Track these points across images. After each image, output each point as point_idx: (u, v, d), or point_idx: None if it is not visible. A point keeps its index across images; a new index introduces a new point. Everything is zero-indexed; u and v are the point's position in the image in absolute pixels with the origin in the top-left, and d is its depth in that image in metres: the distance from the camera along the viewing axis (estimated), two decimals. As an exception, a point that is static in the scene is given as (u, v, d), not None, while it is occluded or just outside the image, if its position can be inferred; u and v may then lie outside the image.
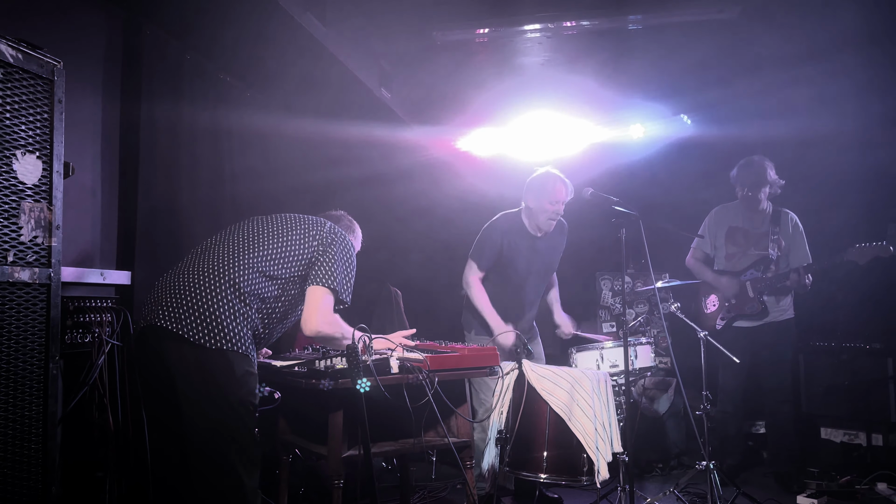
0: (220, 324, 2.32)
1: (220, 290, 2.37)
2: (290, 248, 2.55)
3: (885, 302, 4.87)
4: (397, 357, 2.63)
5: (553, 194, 3.89)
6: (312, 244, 2.58)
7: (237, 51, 3.83)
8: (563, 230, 4.15)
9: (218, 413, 2.31)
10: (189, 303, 2.34)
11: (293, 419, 3.12)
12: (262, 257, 2.49)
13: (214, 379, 2.31)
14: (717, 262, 4.61)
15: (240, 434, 2.33)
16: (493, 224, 4.05)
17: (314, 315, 2.50)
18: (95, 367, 2.69)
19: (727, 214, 4.60)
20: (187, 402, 2.33)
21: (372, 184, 5.64)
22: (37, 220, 2.18)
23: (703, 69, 4.87)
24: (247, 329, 2.39)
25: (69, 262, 2.90)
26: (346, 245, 2.66)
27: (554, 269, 4.21)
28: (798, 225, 4.46)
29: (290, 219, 2.67)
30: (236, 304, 2.38)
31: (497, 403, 3.32)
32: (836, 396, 4.81)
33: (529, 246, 4.01)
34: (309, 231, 2.62)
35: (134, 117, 3.28)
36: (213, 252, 2.51)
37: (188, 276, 2.43)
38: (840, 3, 3.92)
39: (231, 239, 2.57)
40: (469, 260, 4.02)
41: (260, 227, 2.62)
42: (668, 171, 5.68)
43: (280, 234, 2.59)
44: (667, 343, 5.06)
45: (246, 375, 2.36)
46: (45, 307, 2.21)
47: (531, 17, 4.25)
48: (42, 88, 2.22)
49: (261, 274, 2.46)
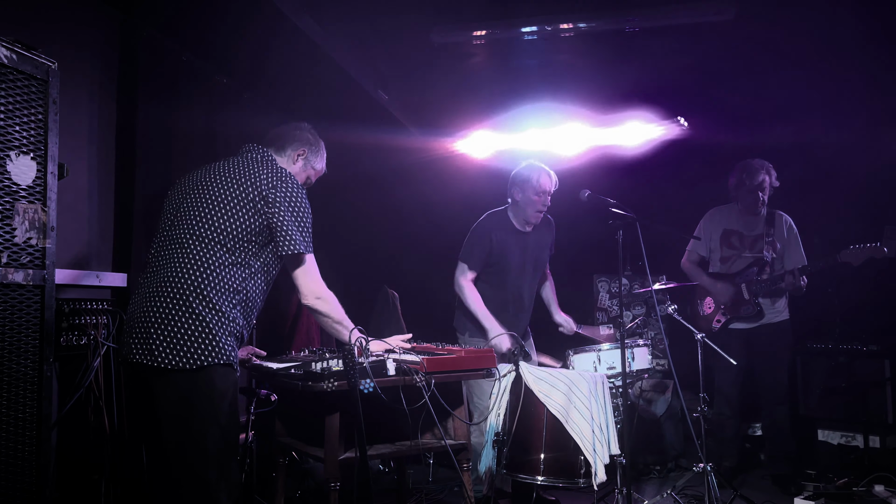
0: (192, 340, 2.22)
1: (183, 302, 2.26)
2: (231, 223, 2.35)
3: (882, 304, 4.87)
4: (394, 359, 2.62)
5: (538, 185, 3.87)
6: (249, 206, 2.36)
7: (233, 52, 3.82)
8: (549, 225, 4.13)
9: (202, 438, 2.25)
10: (155, 327, 2.24)
11: (289, 422, 3.11)
12: (214, 244, 2.33)
13: (195, 403, 2.25)
14: (713, 265, 4.61)
15: (223, 455, 2.29)
16: (480, 223, 4.03)
17: (307, 287, 2.47)
18: (91, 369, 2.68)
19: (722, 216, 4.60)
20: (170, 426, 2.30)
21: (369, 186, 5.64)
22: (31, 221, 2.17)
23: (699, 71, 4.87)
24: (222, 332, 2.28)
25: (65, 264, 2.89)
26: (294, 194, 2.42)
27: (545, 265, 4.18)
28: (793, 227, 4.47)
29: (220, 184, 2.43)
30: (203, 311, 2.25)
31: (494, 405, 3.31)
32: (834, 398, 4.81)
33: (519, 242, 3.98)
34: (242, 193, 2.38)
35: (130, 119, 3.28)
36: (166, 258, 2.36)
37: (147, 298, 2.32)
38: (836, 5, 3.93)
39: (177, 232, 2.39)
40: (459, 262, 4.00)
41: (197, 205, 2.40)
42: (665, 173, 5.69)
43: (216, 207, 2.37)
44: (664, 345, 5.06)
45: (227, 387, 2.30)
46: (40, 309, 2.19)
47: (528, 19, 4.25)
48: (36, 89, 2.21)
49: (220, 266, 2.31)
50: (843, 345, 4.87)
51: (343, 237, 5.37)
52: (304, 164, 2.70)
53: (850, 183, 5.11)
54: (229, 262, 2.33)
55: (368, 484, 2.44)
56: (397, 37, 4.47)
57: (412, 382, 2.60)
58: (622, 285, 3.87)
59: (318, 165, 2.77)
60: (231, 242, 2.34)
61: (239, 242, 2.35)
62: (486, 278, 3.99)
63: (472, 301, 3.89)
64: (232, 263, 2.34)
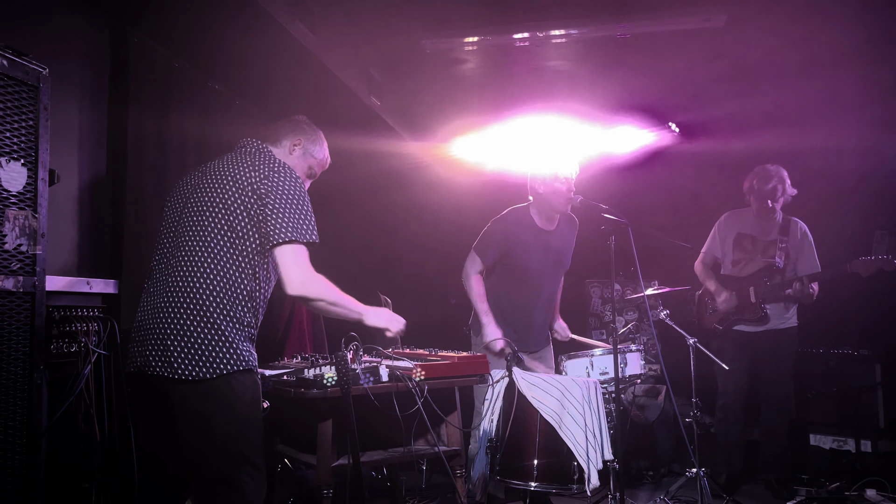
0: (211, 350, 2.20)
1: (199, 312, 2.23)
2: (233, 226, 2.30)
3: (872, 308, 4.90)
4: (387, 365, 2.62)
5: (561, 173, 3.74)
6: (245, 206, 2.30)
7: (226, 59, 3.81)
8: (573, 223, 4.01)
9: (226, 443, 2.25)
10: (172, 338, 2.22)
11: (282, 428, 3.10)
12: (221, 248, 2.28)
13: (217, 409, 2.23)
14: (724, 268, 4.61)
15: (249, 457, 2.28)
16: (501, 217, 3.90)
17: (291, 275, 2.27)
18: (81, 376, 2.66)
19: (737, 220, 4.59)
20: (193, 434, 2.30)
21: (361, 192, 5.63)
22: (21, 227, 2.16)
23: (691, 77, 4.90)
24: (239, 338, 2.26)
25: (55, 271, 2.87)
26: (286, 182, 2.33)
27: (567, 266, 4.03)
28: (807, 234, 4.46)
29: (216, 186, 2.36)
30: (219, 319, 2.23)
31: (487, 411, 3.31)
32: (825, 403, 4.83)
33: (541, 242, 3.85)
34: (237, 193, 2.32)
35: (121, 125, 3.26)
36: (174, 266, 2.33)
37: (160, 309, 2.29)
38: (826, 12, 3.96)
39: (182, 240, 2.35)
40: (472, 252, 3.87)
41: (199, 210, 2.35)
42: (657, 178, 5.71)
43: (217, 211, 2.32)
44: (656, 350, 5.07)
45: (249, 391, 2.29)
46: (30, 316, 2.18)
47: (519, 25, 4.26)
48: (27, 95, 2.20)
49: (230, 272, 2.27)
50: (834, 349, 4.90)
51: (335, 243, 5.36)
52: (303, 154, 2.64)
53: (840, 188, 5.16)
54: (237, 267, 2.29)
55: (361, 491, 2.43)
56: (389, 44, 4.48)
57: (405, 388, 2.59)
58: (614, 290, 3.87)
59: (318, 155, 2.69)
60: (236, 246, 2.29)
61: (244, 244, 2.30)
62: (503, 276, 3.87)
63: (475, 295, 3.80)
64: (240, 267, 2.29)
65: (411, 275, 6.10)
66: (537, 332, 3.94)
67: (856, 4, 3.87)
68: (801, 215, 4.52)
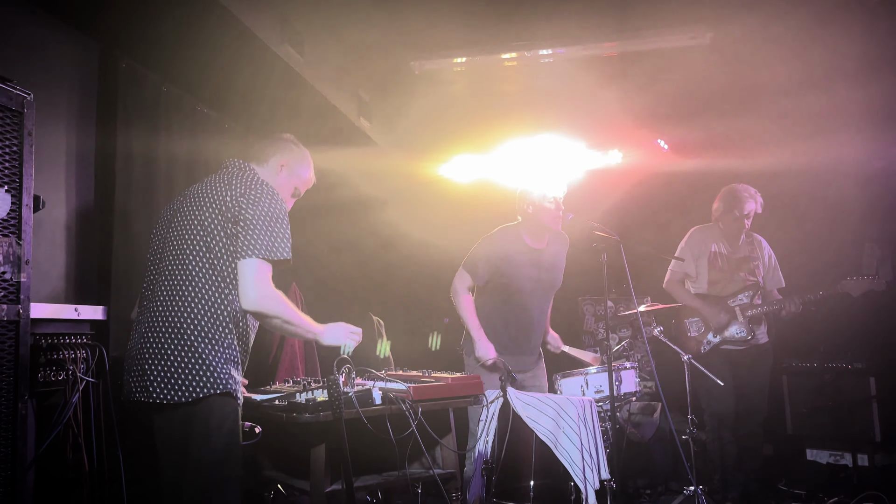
0: (187, 373, 2.21)
1: (176, 336, 2.25)
2: (213, 250, 2.30)
3: (865, 321, 4.90)
4: (380, 388, 2.59)
5: (549, 192, 3.75)
6: (224, 230, 2.30)
7: (214, 82, 3.81)
8: (564, 241, 3.99)
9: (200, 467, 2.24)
10: (150, 363, 2.25)
11: (274, 454, 3.05)
12: (202, 272, 2.29)
13: (192, 433, 2.23)
14: (699, 286, 4.52)
15: (224, 484, 2.26)
16: (491, 236, 3.89)
17: (248, 290, 2.27)
18: (69, 405, 2.61)
19: (706, 237, 4.53)
20: (169, 458, 2.30)
21: (351, 212, 5.62)
22: (5, 255, 2.13)
23: (679, 95, 4.93)
24: (218, 361, 2.25)
25: (42, 298, 2.83)
26: (262, 199, 2.32)
27: (559, 284, 4.00)
28: (769, 249, 4.50)
29: (197, 210, 2.36)
30: (196, 341, 2.24)
31: (482, 432, 3.27)
32: (821, 417, 4.82)
33: (532, 261, 3.83)
34: (217, 216, 2.32)
35: (109, 150, 3.24)
36: (157, 293, 2.34)
37: (143, 335, 2.32)
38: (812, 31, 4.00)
39: (164, 265, 2.37)
40: (461, 269, 3.85)
41: (180, 235, 2.36)
42: (647, 195, 5.73)
43: (197, 236, 2.32)
44: (651, 367, 5.05)
45: (229, 419, 2.28)
46: (14, 345, 2.14)
47: (507, 45, 4.29)
48: (11, 121, 2.18)
49: (210, 295, 2.28)
50: (828, 363, 4.89)
51: (325, 264, 5.33)
52: (290, 174, 2.61)
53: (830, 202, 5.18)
54: (217, 288, 2.29)
55: (355, 517, 2.39)
56: (378, 65, 4.50)
57: (399, 411, 2.56)
58: (608, 308, 3.85)
59: (304, 174, 2.67)
60: (215, 267, 2.29)
61: (222, 265, 2.30)
62: (495, 296, 3.85)
63: (465, 310, 3.78)
64: (219, 288, 2.29)
65: (402, 295, 6.07)
66: (530, 350, 3.91)
67: (841, 24, 3.92)
68: (791, 230, 4.54)
